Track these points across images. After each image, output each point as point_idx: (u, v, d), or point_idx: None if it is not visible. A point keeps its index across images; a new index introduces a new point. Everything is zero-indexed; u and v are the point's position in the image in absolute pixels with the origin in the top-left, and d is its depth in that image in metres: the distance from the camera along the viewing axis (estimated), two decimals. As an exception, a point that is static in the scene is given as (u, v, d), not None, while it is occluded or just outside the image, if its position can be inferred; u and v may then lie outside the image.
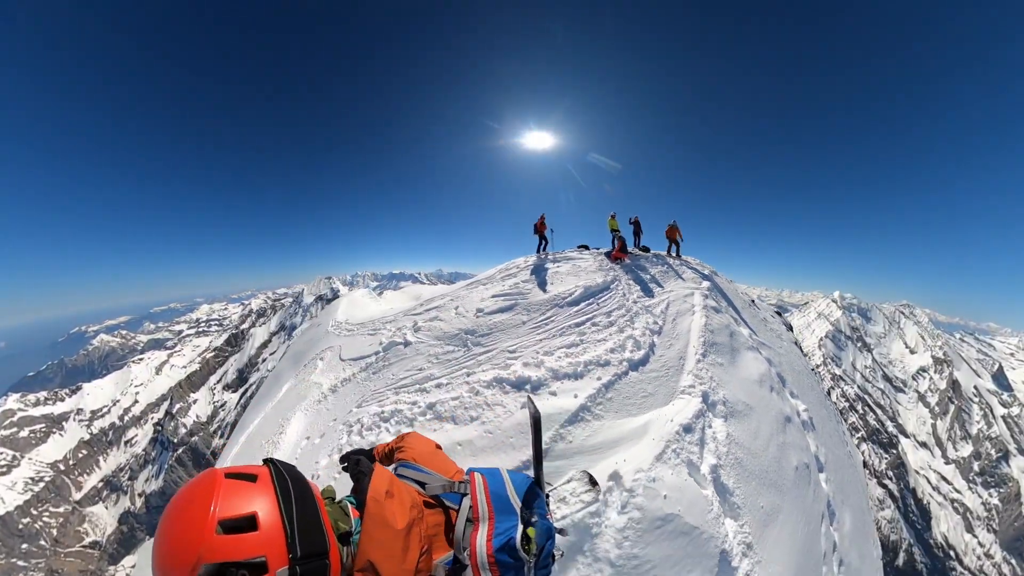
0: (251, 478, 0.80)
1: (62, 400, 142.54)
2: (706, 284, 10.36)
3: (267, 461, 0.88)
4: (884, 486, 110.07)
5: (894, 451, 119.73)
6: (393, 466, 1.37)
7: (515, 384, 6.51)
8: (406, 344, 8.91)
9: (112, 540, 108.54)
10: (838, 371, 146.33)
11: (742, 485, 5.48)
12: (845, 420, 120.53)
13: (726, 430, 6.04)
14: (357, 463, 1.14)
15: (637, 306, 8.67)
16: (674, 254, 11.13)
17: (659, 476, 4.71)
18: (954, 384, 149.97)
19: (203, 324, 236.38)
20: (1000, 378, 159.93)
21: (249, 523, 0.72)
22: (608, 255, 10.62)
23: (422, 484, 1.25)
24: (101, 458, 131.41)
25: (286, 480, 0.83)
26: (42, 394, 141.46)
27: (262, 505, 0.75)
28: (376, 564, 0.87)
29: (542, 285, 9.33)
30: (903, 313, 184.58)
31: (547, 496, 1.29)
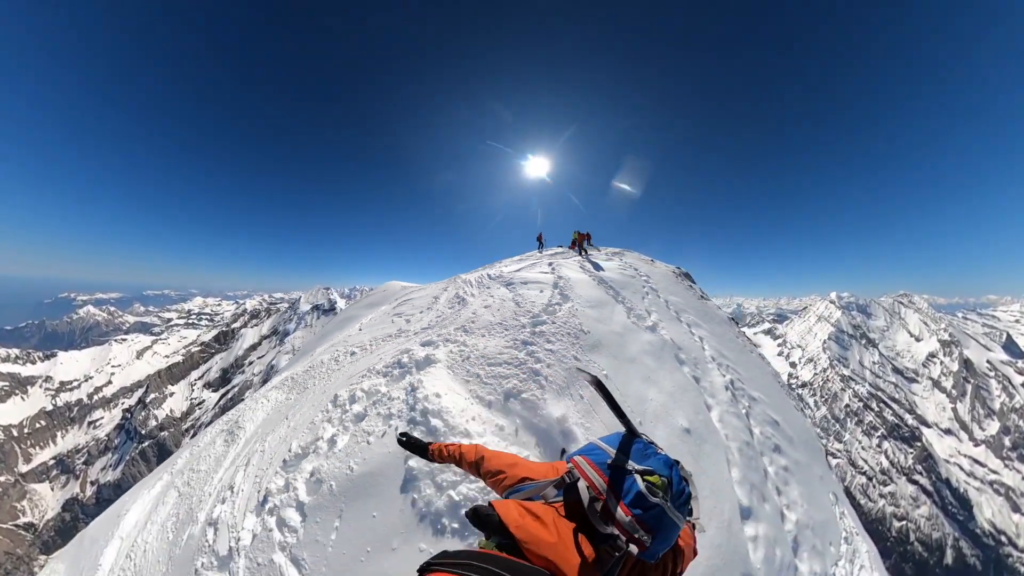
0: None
1: (33, 363, 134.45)
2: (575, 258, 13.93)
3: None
4: (915, 482, 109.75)
5: (918, 444, 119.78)
6: (504, 495, 1.41)
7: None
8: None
9: (50, 526, 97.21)
10: (846, 371, 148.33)
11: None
12: (861, 420, 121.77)
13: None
14: (475, 511, 1.16)
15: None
16: (581, 252, 15.21)
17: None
18: (966, 363, 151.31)
19: (194, 316, 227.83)
20: (1011, 347, 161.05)
21: None
22: (569, 247, 16.50)
23: (541, 498, 1.27)
24: (59, 433, 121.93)
25: None
26: (14, 351, 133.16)
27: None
28: (556, 564, 0.95)
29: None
30: (902, 303, 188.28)
31: (645, 438, 1.29)
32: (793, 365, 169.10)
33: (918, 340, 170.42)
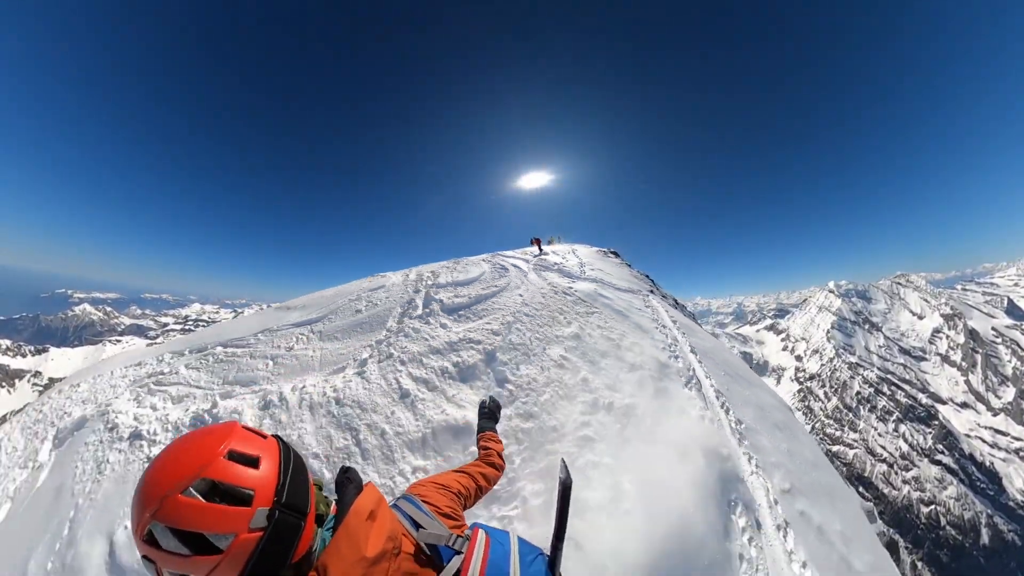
0: (263, 436, 0.93)
1: (24, 356, 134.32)
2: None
3: (275, 435, 0.97)
4: (938, 462, 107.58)
5: (936, 422, 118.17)
6: (398, 497, 1.28)
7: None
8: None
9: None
10: (853, 359, 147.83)
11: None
12: (874, 406, 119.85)
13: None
14: (347, 471, 1.13)
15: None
16: (537, 252, 16.59)
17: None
18: (972, 333, 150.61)
19: (191, 322, 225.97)
20: (1014, 311, 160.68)
21: (252, 462, 0.83)
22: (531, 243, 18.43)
23: (417, 525, 1.10)
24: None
25: (289, 451, 0.94)
26: (6, 342, 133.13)
27: (266, 455, 0.87)
28: None
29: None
30: (900, 283, 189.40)
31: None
32: (799, 358, 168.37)
33: (921, 318, 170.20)
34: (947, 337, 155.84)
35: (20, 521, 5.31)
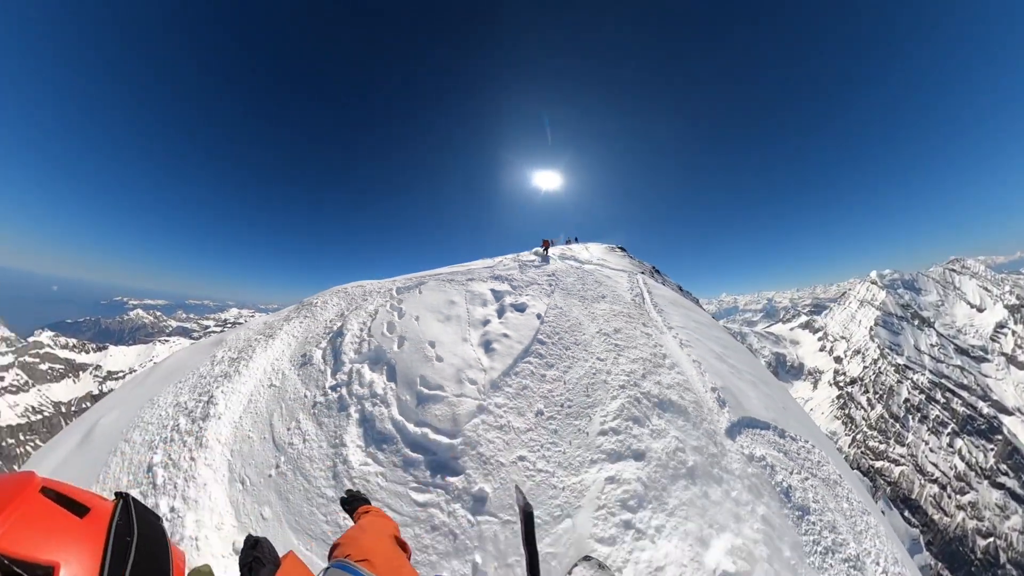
0: (79, 510, 0.51)
1: (87, 352, 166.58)
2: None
3: (120, 495, 0.57)
4: (1000, 486, 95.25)
5: (999, 437, 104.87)
6: (324, 569, 0.90)
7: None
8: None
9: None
10: (901, 360, 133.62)
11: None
12: (925, 416, 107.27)
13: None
14: (255, 545, 0.88)
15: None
16: (544, 253, 17.76)
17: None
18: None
19: (229, 325, 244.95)
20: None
21: (42, 572, 0.49)
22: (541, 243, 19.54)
23: None
24: None
25: (132, 533, 0.52)
26: (72, 340, 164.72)
27: (74, 560, 0.50)
28: None
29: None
30: (954, 271, 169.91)
31: None
32: (838, 360, 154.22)
33: (980, 311, 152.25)
34: (1013, 333, 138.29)
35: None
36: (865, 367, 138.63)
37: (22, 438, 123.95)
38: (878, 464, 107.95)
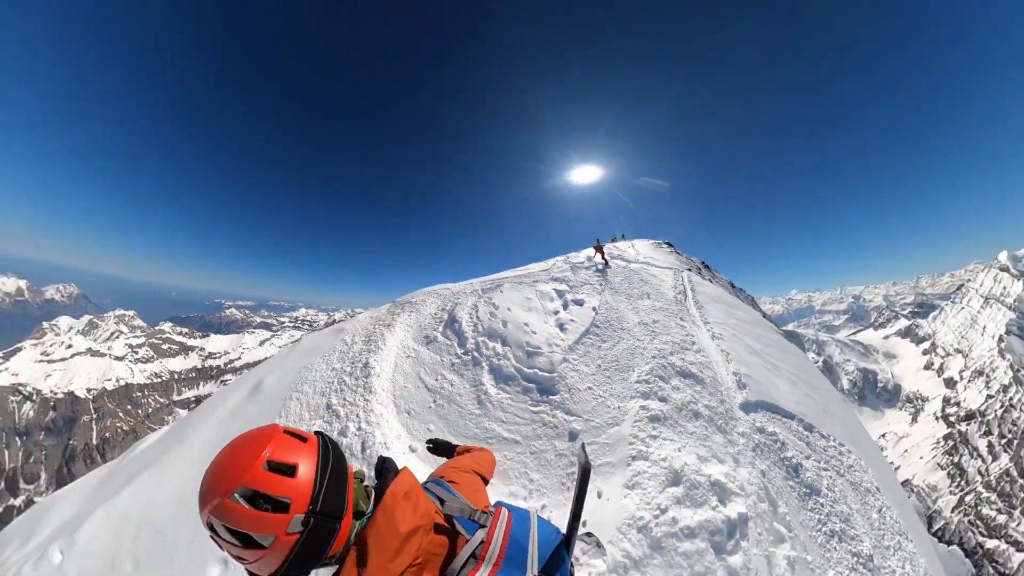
0: (303, 439, 1.01)
1: (195, 338, 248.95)
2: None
3: (318, 433, 1.08)
4: None
5: None
6: (426, 480, 1.43)
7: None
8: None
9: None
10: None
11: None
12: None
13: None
14: (385, 461, 1.26)
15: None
16: (601, 259, 16.52)
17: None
18: None
19: (299, 321, 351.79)
20: None
21: (290, 470, 0.92)
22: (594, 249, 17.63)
23: (443, 502, 1.28)
24: (202, 383, 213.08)
25: (328, 452, 1.03)
26: (184, 329, 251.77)
27: (304, 461, 0.95)
28: (368, 551, 0.99)
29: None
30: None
31: (573, 562, 1.24)
32: (950, 383, 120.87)
33: None
34: None
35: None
36: (990, 396, 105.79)
37: (146, 393, 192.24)
38: (990, 544, 76.41)
